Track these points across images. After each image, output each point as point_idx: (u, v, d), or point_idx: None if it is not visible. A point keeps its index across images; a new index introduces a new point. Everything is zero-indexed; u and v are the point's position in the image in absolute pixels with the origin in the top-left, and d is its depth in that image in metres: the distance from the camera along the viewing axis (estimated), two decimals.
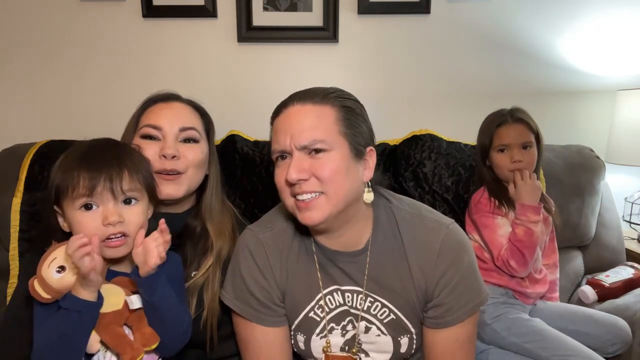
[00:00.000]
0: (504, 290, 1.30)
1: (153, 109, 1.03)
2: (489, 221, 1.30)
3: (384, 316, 0.93)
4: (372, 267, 0.92)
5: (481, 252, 1.33)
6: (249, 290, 0.93)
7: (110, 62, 1.63)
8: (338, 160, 0.83)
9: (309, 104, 0.85)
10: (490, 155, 1.35)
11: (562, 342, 1.17)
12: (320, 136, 0.82)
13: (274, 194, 1.41)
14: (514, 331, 1.21)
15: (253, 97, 1.66)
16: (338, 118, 0.85)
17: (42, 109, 1.64)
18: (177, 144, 0.99)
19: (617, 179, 1.76)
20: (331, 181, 0.82)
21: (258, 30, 1.62)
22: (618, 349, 1.24)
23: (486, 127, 1.37)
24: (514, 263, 1.24)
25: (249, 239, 0.96)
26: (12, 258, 1.31)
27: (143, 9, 1.59)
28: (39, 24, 1.59)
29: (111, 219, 0.80)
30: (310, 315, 0.94)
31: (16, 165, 1.34)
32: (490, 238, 1.29)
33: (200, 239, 1.02)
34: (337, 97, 0.87)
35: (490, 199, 1.32)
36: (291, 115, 0.86)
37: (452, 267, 0.89)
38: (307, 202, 0.84)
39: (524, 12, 1.67)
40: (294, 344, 0.98)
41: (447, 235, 0.90)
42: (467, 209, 1.39)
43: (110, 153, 0.84)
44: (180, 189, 0.99)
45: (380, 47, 1.66)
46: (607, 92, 1.73)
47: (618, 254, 1.57)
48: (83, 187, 0.79)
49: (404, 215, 0.93)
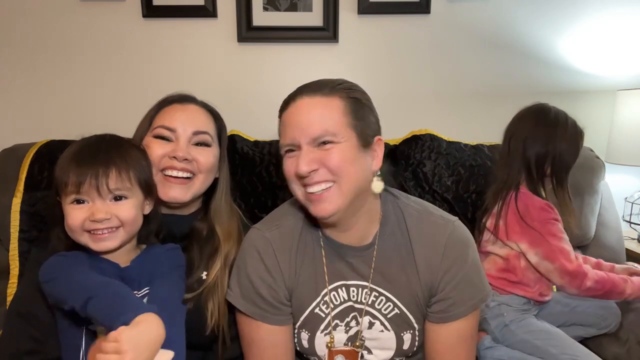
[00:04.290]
0: (526, 299, 1.30)
1: (168, 109, 1.03)
2: (555, 228, 1.24)
3: (388, 310, 0.94)
4: (379, 260, 0.93)
5: (517, 261, 1.28)
6: (255, 290, 0.92)
7: (110, 62, 1.63)
8: (347, 151, 0.84)
9: (318, 96, 0.86)
10: None
11: (572, 344, 1.21)
12: (329, 129, 0.83)
13: (274, 194, 1.42)
14: (526, 329, 1.24)
15: (253, 97, 1.66)
16: (346, 109, 0.86)
17: (42, 109, 1.64)
18: (189, 147, 0.99)
19: (617, 179, 1.76)
20: (341, 170, 0.83)
21: (258, 30, 1.62)
22: (610, 324, 1.33)
23: (579, 135, 1.29)
24: (590, 284, 1.22)
25: (256, 238, 0.95)
26: (12, 258, 1.31)
27: (143, 9, 1.59)
28: (39, 24, 1.59)
29: (97, 216, 0.81)
30: (316, 312, 0.95)
31: (16, 165, 1.34)
32: (559, 246, 1.23)
33: (208, 241, 1.02)
34: (345, 89, 0.88)
35: (547, 204, 1.26)
36: (300, 108, 0.86)
37: (458, 262, 0.90)
38: (319, 194, 0.85)
39: (524, 12, 1.67)
40: (297, 342, 0.98)
41: (453, 231, 0.92)
42: (502, 214, 1.29)
43: (101, 151, 0.85)
44: (187, 194, 0.99)
45: (380, 47, 1.66)
46: (607, 92, 1.73)
47: (618, 254, 1.57)
48: (72, 184, 0.81)
49: (411, 211, 0.95)
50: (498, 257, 1.31)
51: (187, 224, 1.04)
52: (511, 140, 1.31)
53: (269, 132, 1.54)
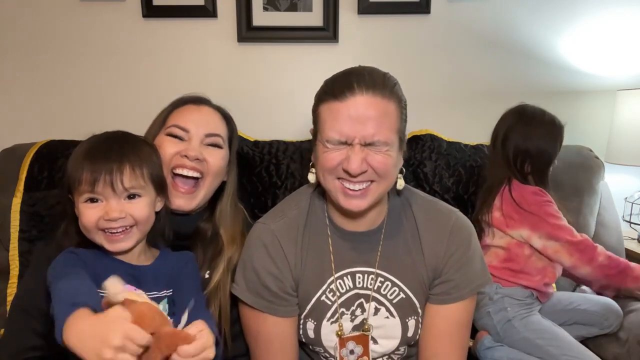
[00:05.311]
0: (529, 292, 1.31)
1: (182, 110, 1.05)
2: (551, 208, 1.28)
3: (393, 295, 0.96)
4: (386, 245, 0.96)
5: (520, 249, 1.30)
6: (261, 282, 0.93)
7: (110, 62, 1.63)
8: (393, 156, 0.87)
9: (378, 96, 0.84)
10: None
11: (573, 345, 1.21)
12: (385, 137, 0.84)
13: (274, 194, 1.42)
14: (530, 327, 1.25)
15: (253, 97, 1.66)
16: (398, 116, 0.88)
17: (42, 109, 1.64)
18: (201, 147, 1.01)
19: (617, 179, 1.76)
20: (386, 174, 0.87)
21: (258, 30, 1.62)
22: (612, 324, 1.32)
23: (557, 131, 1.34)
24: (602, 259, 1.26)
25: (261, 231, 0.96)
26: (12, 258, 1.31)
27: (143, 9, 1.59)
28: (39, 24, 1.59)
29: (112, 215, 0.81)
30: (322, 299, 0.96)
31: (16, 165, 1.34)
32: (560, 224, 1.27)
33: (212, 242, 1.03)
34: (398, 89, 0.89)
35: (539, 189, 1.31)
36: (359, 106, 0.83)
37: (462, 247, 0.95)
38: (358, 191, 0.86)
39: (524, 12, 1.67)
40: (303, 333, 0.98)
41: (458, 218, 0.97)
42: (498, 206, 1.33)
43: (115, 147, 0.85)
44: (191, 203, 1.00)
45: (380, 47, 1.66)
46: (607, 92, 1.73)
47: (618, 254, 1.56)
48: (85, 182, 0.81)
49: (418, 200, 1.00)
50: (499, 249, 1.33)
51: (192, 223, 1.05)
52: (495, 141, 1.37)
53: (269, 132, 1.55)
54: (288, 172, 1.43)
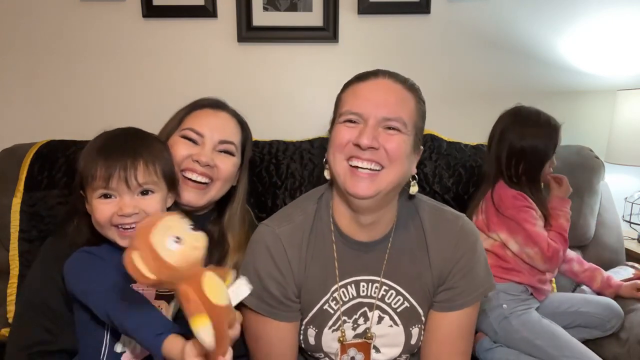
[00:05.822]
0: (523, 287, 1.31)
1: (199, 113, 1.05)
2: (529, 215, 1.28)
3: (397, 304, 0.95)
4: (392, 254, 0.95)
5: (503, 250, 1.32)
6: (264, 286, 0.92)
7: (111, 62, 1.63)
8: (407, 144, 0.87)
9: (400, 84, 0.89)
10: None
11: (573, 345, 1.21)
12: (403, 117, 0.86)
13: (274, 194, 1.42)
14: (529, 327, 1.25)
15: (253, 97, 1.66)
16: (417, 110, 0.89)
17: (42, 109, 1.64)
18: (213, 153, 1.01)
19: (617, 179, 1.76)
20: (396, 158, 0.85)
21: (258, 30, 1.62)
22: (614, 325, 1.33)
23: (553, 131, 1.33)
24: (563, 252, 1.29)
25: (266, 234, 0.94)
26: (12, 258, 1.31)
27: (143, 9, 1.59)
28: (39, 24, 1.59)
29: (125, 211, 0.81)
30: (325, 308, 0.95)
31: (16, 165, 1.34)
32: (534, 230, 1.27)
33: (218, 245, 1.03)
34: (419, 90, 0.93)
35: (520, 193, 1.31)
36: (380, 85, 0.88)
37: (468, 254, 0.94)
38: (365, 172, 0.85)
39: (524, 12, 1.67)
40: (303, 339, 0.98)
41: (464, 225, 0.96)
42: (482, 208, 1.35)
43: (127, 143, 0.86)
44: (202, 199, 1.00)
45: (380, 47, 1.66)
46: (607, 92, 1.73)
47: (618, 254, 1.57)
48: (99, 177, 0.81)
49: (425, 207, 0.98)
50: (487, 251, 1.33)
51: (199, 224, 1.04)
52: (491, 142, 1.38)
53: (269, 132, 1.54)
54: (288, 172, 1.43)
